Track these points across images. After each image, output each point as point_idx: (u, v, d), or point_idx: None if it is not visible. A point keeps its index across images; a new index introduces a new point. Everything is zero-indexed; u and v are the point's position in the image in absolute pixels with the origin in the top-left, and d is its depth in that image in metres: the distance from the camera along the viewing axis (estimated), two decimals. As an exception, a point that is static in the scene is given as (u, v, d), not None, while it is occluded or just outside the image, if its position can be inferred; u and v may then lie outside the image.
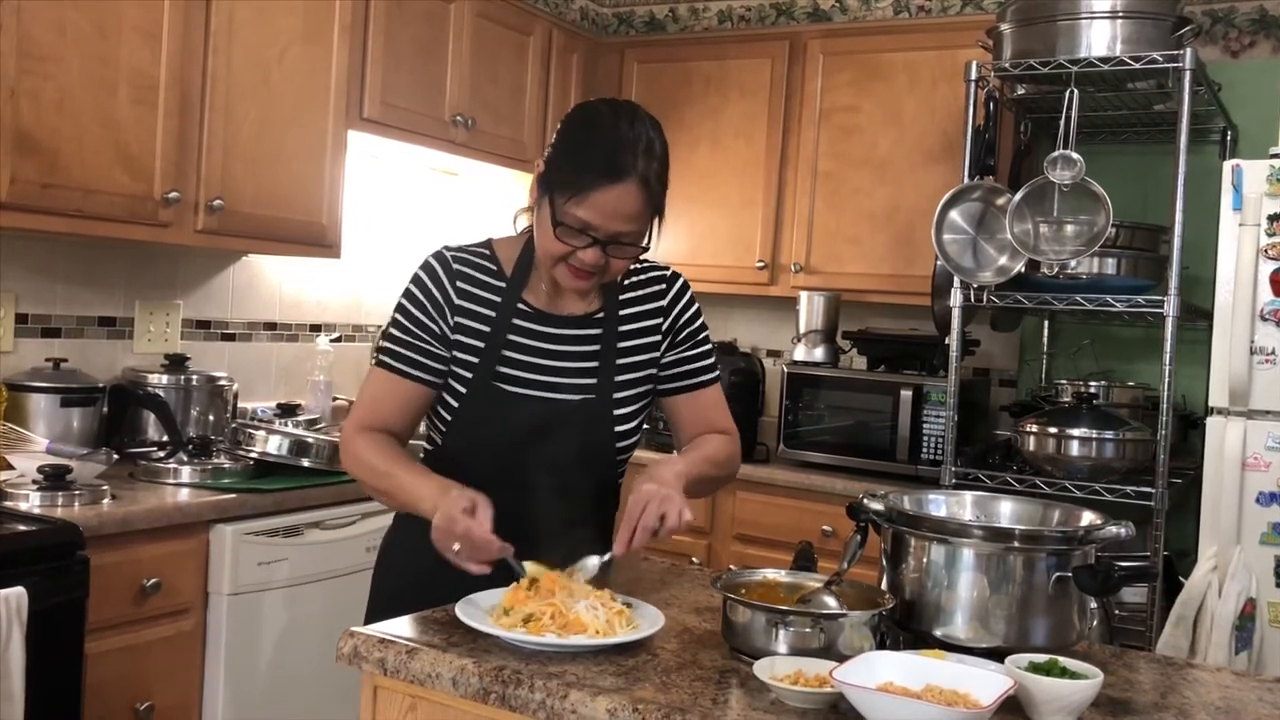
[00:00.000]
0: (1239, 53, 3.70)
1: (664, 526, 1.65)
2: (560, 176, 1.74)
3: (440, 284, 1.85)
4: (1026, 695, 1.39)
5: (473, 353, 1.84)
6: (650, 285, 1.95)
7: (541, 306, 1.88)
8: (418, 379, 1.85)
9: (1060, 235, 3.05)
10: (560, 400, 1.85)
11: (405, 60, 3.46)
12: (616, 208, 1.71)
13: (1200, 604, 2.95)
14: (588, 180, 1.70)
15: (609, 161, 1.70)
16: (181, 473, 2.77)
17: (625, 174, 1.70)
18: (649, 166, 1.73)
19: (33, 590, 2.12)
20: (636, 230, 1.75)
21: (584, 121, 1.81)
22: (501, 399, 1.84)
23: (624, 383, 1.89)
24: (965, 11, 4.09)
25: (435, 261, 1.88)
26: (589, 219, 1.71)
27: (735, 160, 4.15)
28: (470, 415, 1.85)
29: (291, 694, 2.79)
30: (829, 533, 3.55)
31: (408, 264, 1.90)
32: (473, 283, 1.86)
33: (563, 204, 1.72)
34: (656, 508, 1.65)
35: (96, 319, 3.11)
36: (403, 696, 1.53)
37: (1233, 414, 3.01)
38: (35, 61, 2.48)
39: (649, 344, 1.92)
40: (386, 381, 1.86)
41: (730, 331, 4.44)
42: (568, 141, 1.78)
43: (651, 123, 1.78)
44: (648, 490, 1.68)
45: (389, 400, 1.86)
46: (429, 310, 1.85)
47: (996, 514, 1.79)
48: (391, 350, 1.86)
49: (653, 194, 1.74)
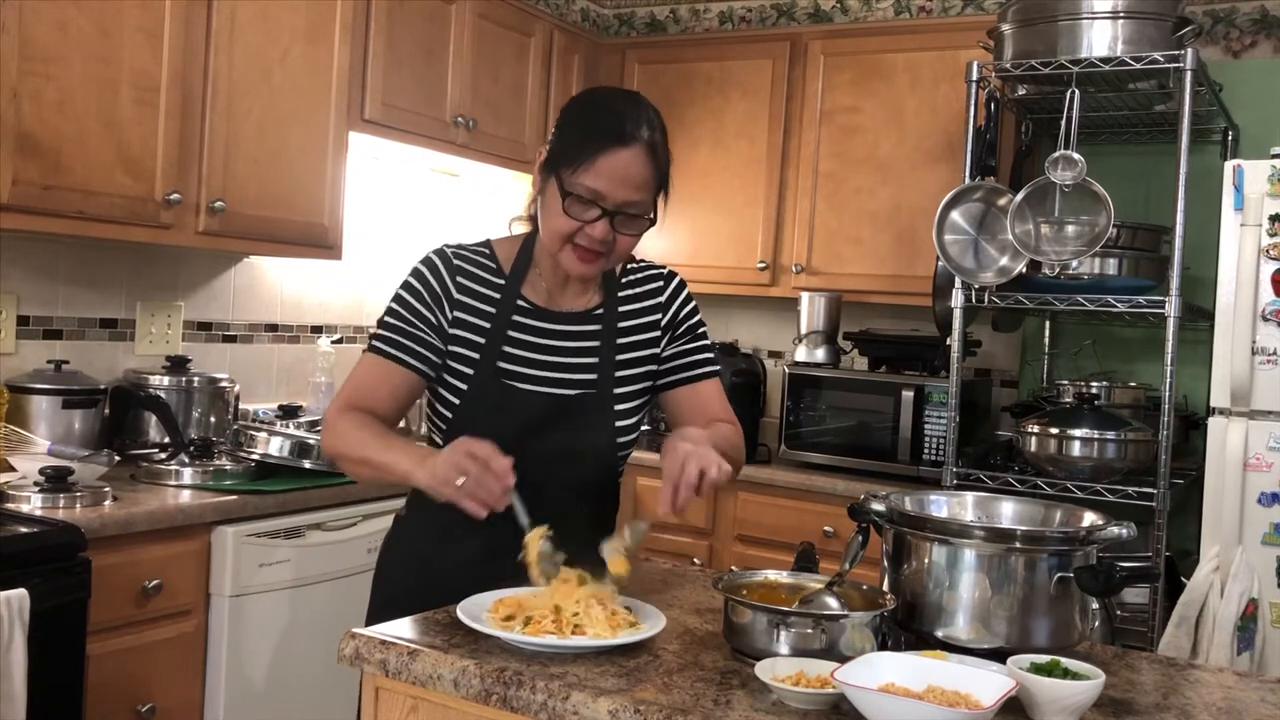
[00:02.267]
0: (1240, 53, 3.70)
1: (704, 481, 1.62)
2: (567, 150, 1.76)
3: (440, 277, 1.86)
4: (1028, 696, 1.38)
5: (473, 348, 1.85)
6: (648, 283, 1.97)
7: (540, 302, 1.89)
8: (409, 365, 1.84)
9: (1061, 236, 3.04)
10: (561, 395, 1.86)
11: (406, 61, 3.46)
12: (626, 173, 1.73)
13: (1202, 605, 2.95)
14: (596, 145, 1.72)
15: (616, 128, 1.73)
16: (183, 474, 2.77)
17: (633, 138, 1.73)
18: (654, 135, 1.76)
19: (34, 592, 2.12)
20: (643, 200, 1.77)
21: (587, 100, 1.88)
22: (503, 393, 1.84)
23: (624, 378, 1.90)
24: (966, 12, 4.09)
25: (435, 256, 1.89)
26: (598, 186, 1.73)
27: (736, 161, 4.15)
28: (472, 410, 1.85)
29: (293, 695, 2.79)
30: (830, 534, 3.55)
31: (409, 265, 1.90)
32: (472, 279, 1.87)
33: (571, 176, 1.74)
34: (695, 465, 1.62)
35: (98, 320, 3.11)
36: (404, 698, 1.53)
37: (1234, 414, 3.01)
38: (37, 62, 2.48)
39: (648, 339, 1.93)
40: (377, 365, 1.85)
41: (731, 332, 4.44)
42: (573, 119, 1.82)
43: (651, 106, 1.82)
44: (683, 449, 1.64)
45: (377, 384, 1.85)
46: (426, 300, 1.85)
47: (998, 515, 1.79)
48: (385, 336, 1.85)
49: (659, 163, 1.77)
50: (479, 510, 1.59)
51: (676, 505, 1.62)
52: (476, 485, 1.58)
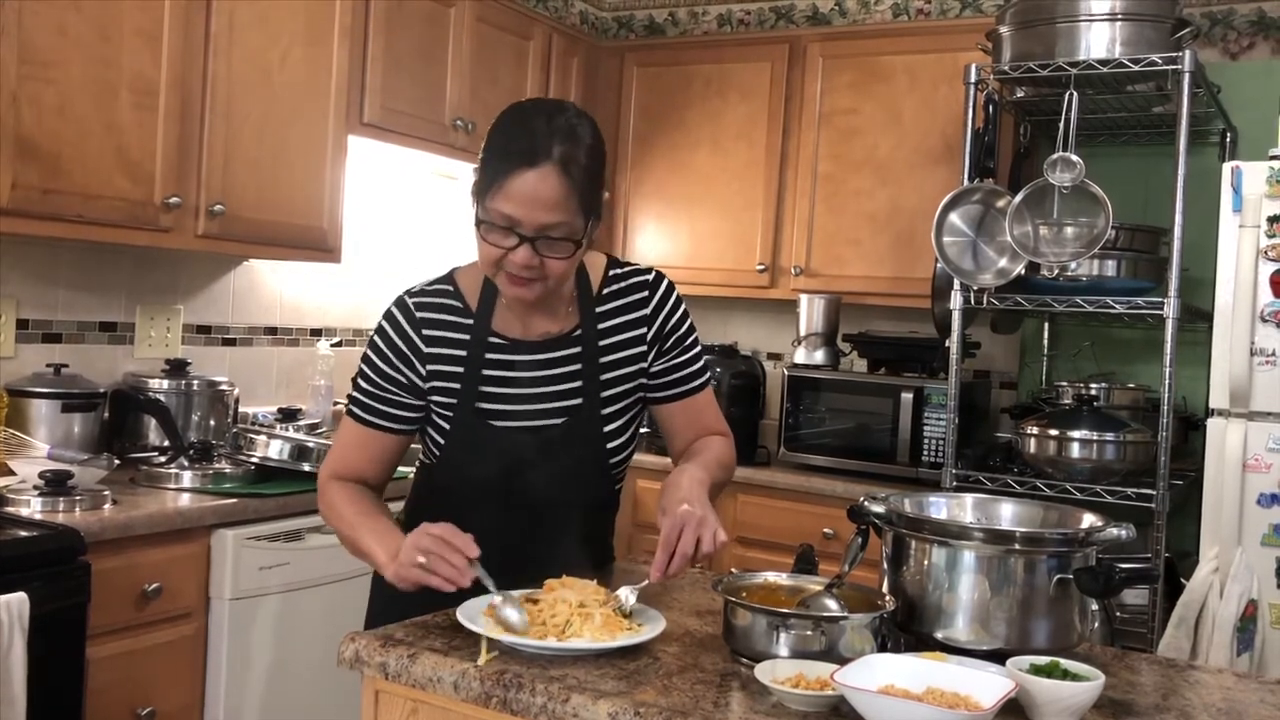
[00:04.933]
0: (1238, 54, 3.71)
1: (699, 552, 1.61)
2: (482, 175, 1.69)
3: (404, 334, 1.81)
4: (1028, 697, 1.38)
5: (450, 394, 1.81)
6: (631, 293, 1.87)
7: (514, 335, 1.82)
8: (386, 429, 1.84)
9: (1060, 237, 3.05)
10: (546, 426, 1.82)
11: (405, 64, 3.46)
12: (535, 194, 1.63)
13: (1201, 606, 2.95)
14: (504, 169, 1.64)
15: (525, 147, 1.64)
16: (182, 478, 2.77)
17: (540, 157, 1.63)
18: (570, 151, 1.65)
19: (34, 595, 2.12)
20: (563, 222, 1.66)
21: (504, 118, 1.75)
22: (485, 434, 1.81)
23: (610, 397, 1.85)
24: (964, 14, 4.09)
25: (397, 310, 1.83)
26: (509, 211, 1.64)
27: (735, 163, 4.15)
28: (457, 450, 1.83)
29: (292, 698, 2.79)
30: (830, 535, 3.54)
31: (409, 268, 1.91)
32: (439, 326, 1.82)
33: (486, 202, 1.66)
34: (693, 533, 1.60)
35: (97, 324, 3.11)
36: (404, 700, 1.53)
37: (1233, 415, 3.01)
38: (36, 66, 2.48)
39: (634, 355, 1.87)
40: (355, 431, 1.86)
41: (731, 334, 4.44)
42: (490, 139, 1.73)
43: (581, 115, 1.73)
44: (683, 513, 1.62)
45: (358, 450, 1.86)
46: (393, 362, 1.82)
47: (997, 516, 1.79)
48: (360, 401, 1.85)
49: (575, 181, 1.65)
50: (446, 586, 1.58)
51: (669, 574, 1.61)
52: (439, 563, 1.58)
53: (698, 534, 1.60)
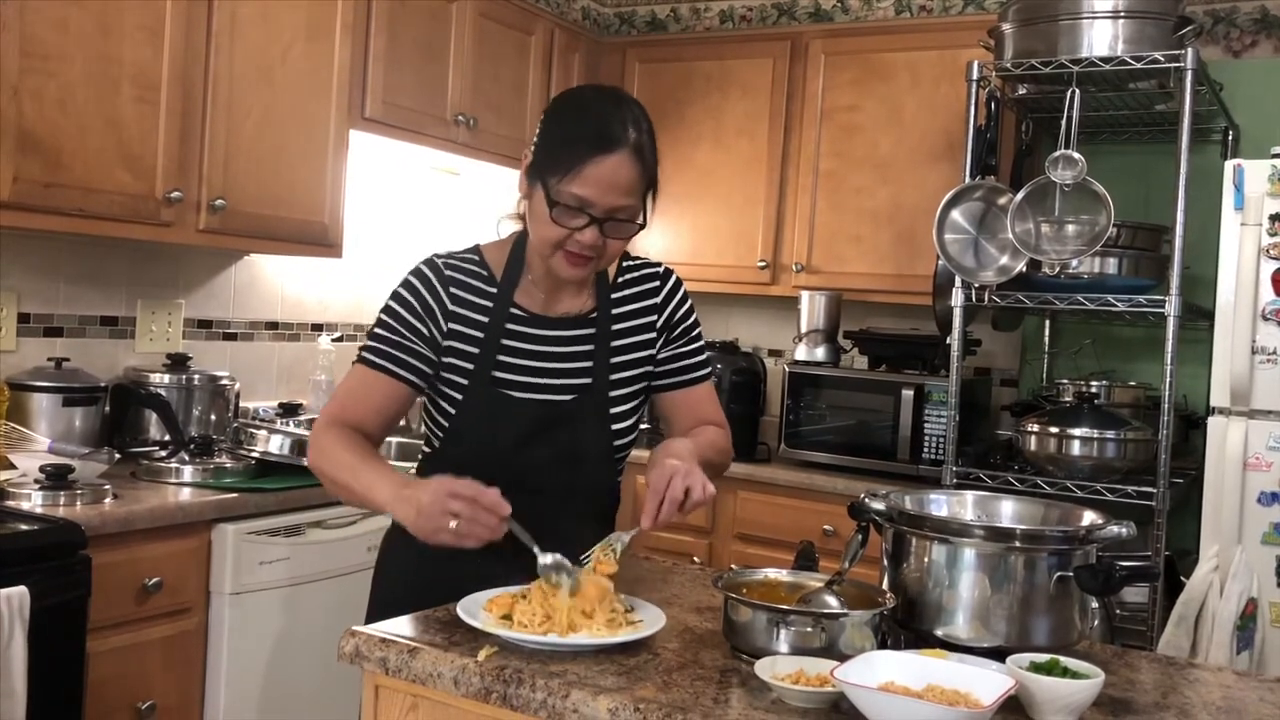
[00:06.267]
0: (1240, 52, 3.70)
1: (689, 500, 1.64)
2: (552, 158, 1.73)
3: (433, 289, 1.84)
4: (1027, 695, 1.39)
5: (467, 358, 1.84)
6: (643, 283, 1.94)
7: (534, 309, 1.87)
8: (399, 376, 1.82)
9: (1062, 235, 3.05)
10: (557, 401, 1.85)
11: (407, 59, 3.46)
12: (612, 179, 1.70)
13: (1201, 604, 2.95)
14: (581, 153, 1.70)
15: (600, 133, 1.71)
16: (183, 472, 2.77)
17: (617, 144, 1.70)
18: (640, 137, 1.73)
19: (35, 589, 2.13)
20: (632, 205, 1.74)
21: (570, 102, 1.84)
22: (499, 402, 1.83)
23: (619, 380, 1.89)
24: (967, 11, 4.09)
25: (427, 268, 1.86)
26: (585, 194, 1.70)
27: (737, 159, 4.15)
28: (468, 419, 1.84)
29: (293, 693, 2.79)
30: (830, 532, 3.55)
31: (409, 263, 1.90)
32: (465, 289, 1.86)
33: (556, 184, 1.71)
34: (681, 481, 1.64)
35: (98, 318, 3.11)
36: (404, 696, 1.54)
37: (1234, 414, 3.01)
38: (38, 60, 2.48)
39: (643, 341, 1.92)
40: (366, 377, 1.83)
41: (731, 331, 4.44)
42: (556, 123, 1.78)
43: (636, 103, 1.80)
44: (670, 465, 1.66)
45: (366, 397, 1.83)
46: (418, 312, 1.83)
47: (998, 514, 1.79)
48: (375, 348, 1.84)
49: (646, 165, 1.74)
50: (476, 545, 1.58)
51: (659, 519, 1.63)
52: (471, 524, 1.57)
53: (687, 483, 1.64)
